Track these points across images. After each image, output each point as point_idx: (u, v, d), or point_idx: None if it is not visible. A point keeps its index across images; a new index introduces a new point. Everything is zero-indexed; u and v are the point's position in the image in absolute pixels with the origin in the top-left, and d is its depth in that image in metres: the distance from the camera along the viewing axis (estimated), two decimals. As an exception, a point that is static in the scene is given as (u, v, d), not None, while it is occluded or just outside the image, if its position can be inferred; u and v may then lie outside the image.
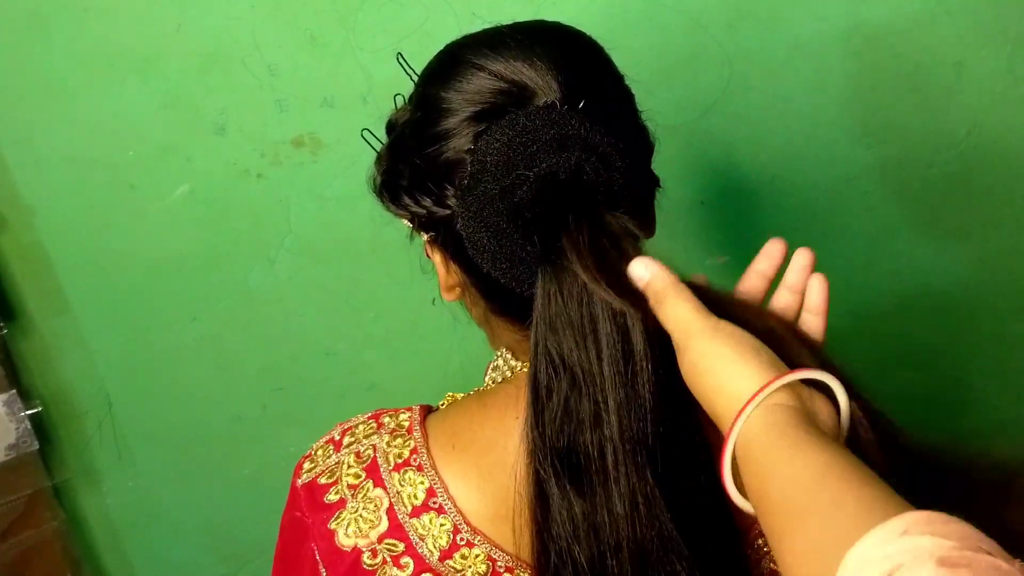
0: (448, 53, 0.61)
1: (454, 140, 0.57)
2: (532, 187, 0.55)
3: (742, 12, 1.08)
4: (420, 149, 0.58)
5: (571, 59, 0.57)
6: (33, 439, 1.08)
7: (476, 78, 0.56)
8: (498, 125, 0.55)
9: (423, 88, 0.60)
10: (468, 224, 0.56)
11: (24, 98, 0.99)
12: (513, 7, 1.03)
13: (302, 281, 1.13)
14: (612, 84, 0.60)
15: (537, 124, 0.54)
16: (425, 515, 0.61)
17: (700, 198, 1.17)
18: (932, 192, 1.23)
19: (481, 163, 0.55)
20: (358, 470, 0.63)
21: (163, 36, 0.99)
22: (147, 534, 1.24)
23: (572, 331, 0.54)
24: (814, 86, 1.14)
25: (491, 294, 0.61)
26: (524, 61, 0.56)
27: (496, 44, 0.57)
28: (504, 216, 0.55)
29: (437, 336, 1.19)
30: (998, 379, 1.40)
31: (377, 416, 0.67)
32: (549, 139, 0.54)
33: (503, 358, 0.67)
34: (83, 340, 1.11)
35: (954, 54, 1.15)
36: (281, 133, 1.05)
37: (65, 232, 1.05)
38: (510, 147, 0.54)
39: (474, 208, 0.56)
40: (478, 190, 0.55)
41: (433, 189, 0.58)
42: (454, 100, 0.57)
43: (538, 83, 0.56)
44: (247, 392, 1.18)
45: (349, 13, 1.01)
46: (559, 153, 0.54)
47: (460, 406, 0.66)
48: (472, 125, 0.56)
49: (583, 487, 0.55)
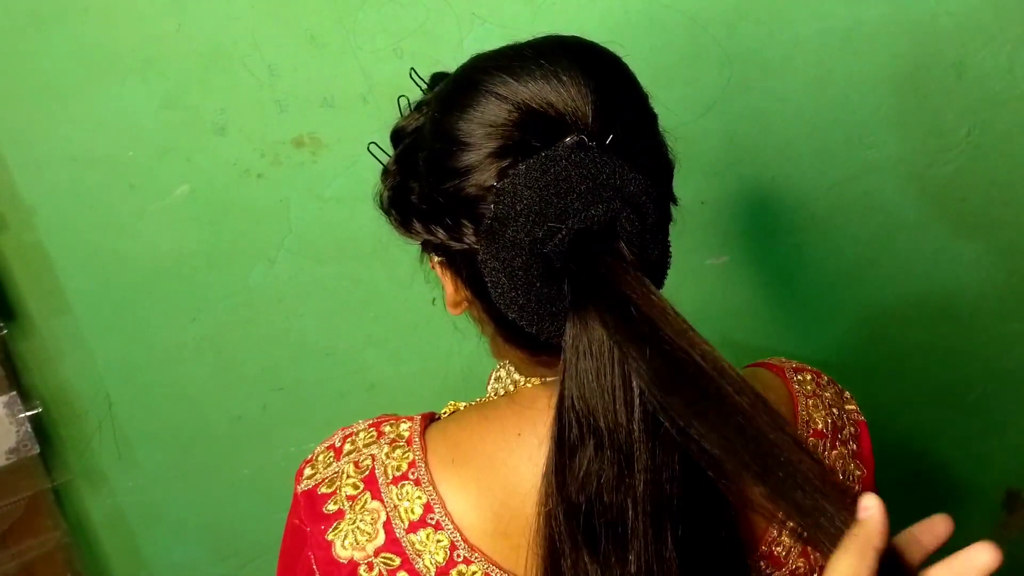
0: (465, 78, 0.56)
1: (475, 175, 0.53)
2: (564, 240, 0.51)
3: (742, 12, 1.08)
4: (438, 184, 0.55)
5: (599, 85, 0.53)
6: (34, 442, 1.08)
7: (497, 108, 0.53)
8: (526, 166, 0.52)
9: (439, 116, 0.56)
10: (493, 272, 0.53)
11: (24, 98, 0.99)
12: (513, 7, 1.03)
13: (302, 281, 1.13)
14: (640, 109, 0.57)
15: (570, 172, 0.51)
16: (422, 531, 0.60)
17: (700, 198, 1.17)
18: (932, 192, 1.23)
19: (507, 208, 0.52)
20: (356, 481, 0.62)
21: (163, 36, 0.99)
22: (147, 534, 1.23)
23: (603, 389, 0.51)
24: (814, 86, 1.14)
25: (502, 323, 0.58)
26: (549, 88, 0.52)
27: (516, 69, 0.53)
28: (533, 268, 0.52)
29: (437, 336, 1.19)
30: (998, 379, 1.40)
31: (379, 424, 0.66)
32: (584, 190, 0.51)
33: (506, 369, 0.65)
34: (83, 340, 1.11)
35: (954, 54, 1.15)
36: (281, 133, 1.05)
37: (65, 232, 1.05)
38: (541, 196, 0.51)
39: (501, 256, 0.53)
40: (505, 238, 0.52)
41: (450, 224, 0.55)
42: (474, 133, 0.53)
43: (565, 114, 0.52)
44: (247, 392, 1.18)
45: (349, 13, 1.01)
46: (594, 205, 0.51)
47: (461, 418, 0.65)
48: (495, 161, 0.53)
49: (598, 549, 0.53)
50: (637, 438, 0.52)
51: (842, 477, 0.67)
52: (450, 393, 1.21)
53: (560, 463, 0.54)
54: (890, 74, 1.15)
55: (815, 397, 0.69)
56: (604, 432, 0.52)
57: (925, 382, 1.37)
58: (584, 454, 0.53)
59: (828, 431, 0.67)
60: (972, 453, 1.47)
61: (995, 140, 1.21)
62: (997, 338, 1.35)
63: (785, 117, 1.15)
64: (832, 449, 0.67)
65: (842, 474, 0.67)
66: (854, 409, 0.72)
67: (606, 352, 0.51)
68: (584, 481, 0.53)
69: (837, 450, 0.68)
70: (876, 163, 1.19)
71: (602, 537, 0.53)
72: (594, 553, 0.53)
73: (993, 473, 1.50)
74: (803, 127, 1.16)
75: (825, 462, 0.52)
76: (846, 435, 0.69)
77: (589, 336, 0.52)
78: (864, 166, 1.20)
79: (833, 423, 0.68)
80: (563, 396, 0.53)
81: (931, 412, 1.40)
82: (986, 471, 1.49)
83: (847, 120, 1.17)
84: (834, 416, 0.69)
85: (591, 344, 0.51)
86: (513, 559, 0.59)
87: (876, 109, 1.17)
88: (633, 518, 0.52)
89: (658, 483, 0.52)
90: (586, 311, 0.52)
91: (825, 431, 0.67)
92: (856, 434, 0.70)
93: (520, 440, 0.60)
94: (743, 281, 1.21)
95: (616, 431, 0.52)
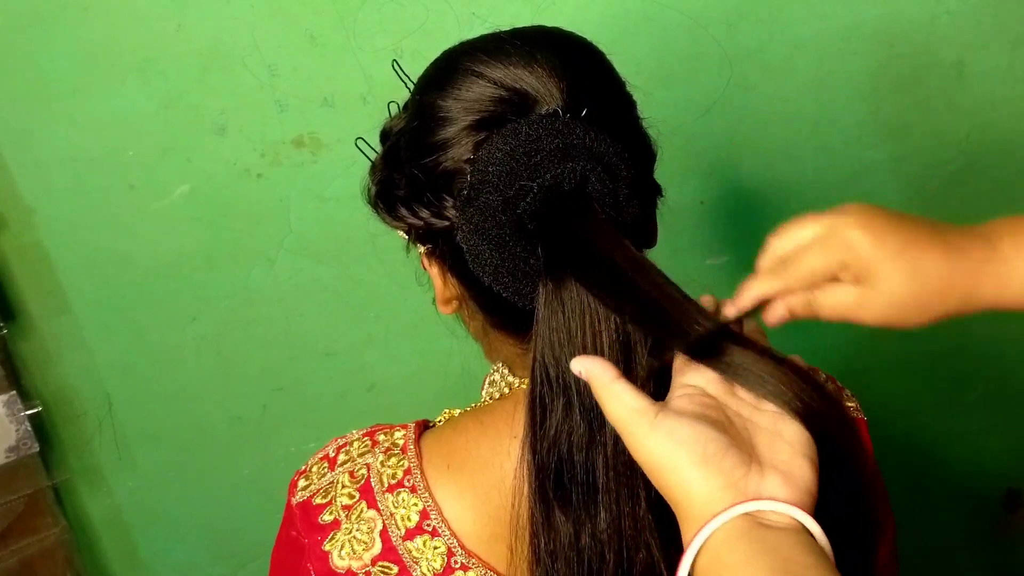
0: (445, 60, 0.59)
1: (453, 149, 0.55)
2: (536, 198, 0.53)
3: (742, 12, 1.08)
4: (417, 159, 0.57)
5: (573, 65, 0.56)
6: (34, 441, 1.08)
7: (475, 86, 0.55)
8: (499, 134, 0.53)
9: (420, 96, 0.59)
10: (469, 236, 0.55)
11: (24, 98, 0.99)
12: (513, 7, 1.03)
13: (302, 281, 1.13)
14: (615, 91, 0.59)
15: (540, 133, 0.53)
16: (419, 537, 0.60)
17: (700, 198, 1.17)
18: (932, 192, 1.23)
19: (482, 173, 0.53)
20: (352, 490, 0.62)
21: (163, 36, 0.99)
22: (147, 534, 1.23)
23: (572, 346, 0.53)
24: (814, 86, 1.14)
25: (490, 307, 0.60)
26: (524, 68, 0.55)
27: (495, 50, 0.56)
28: (506, 228, 0.54)
29: (437, 336, 1.19)
30: (998, 379, 1.40)
31: (372, 433, 0.66)
32: (553, 149, 0.53)
33: (500, 373, 0.65)
34: (83, 340, 1.11)
35: (954, 54, 1.15)
36: (281, 133, 1.05)
37: (65, 232, 1.05)
38: (513, 157, 0.53)
39: (475, 220, 0.54)
40: (479, 201, 0.54)
41: (431, 200, 0.56)
42: (452, 108, 0.55)
43: (539, 90, 0.54)
44: (247, 392, 1.18)
45: (349, 13, 1.01)
46: (564, 163, 0.53)
47: (456, 424, 0.65)
48: (472, 134, 0.54)
49: (570, 508, 0.54)
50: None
51: None
52: (450, 393, 1.21)
53: (533, 424, 0.54)
54: (890, 74, 1.15)
55: None
56: (573, 390, 0.53)
57: (925, 382, 1.37)
58: (554, 413, 0.54)
59: None
60: (972, 453, 1.47)
61: (995, 140, 1.21)
62: (997, 338, 1.35)
63: (785, 117, 1.15)
64: None
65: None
66: (853, 407, 0.72)
67: (577, 308, 0.52)
68: (555, 440, 0.54)
69: None
70: (876, 163, 1.19)
71: (572, 495, 0.54)
72: (566, 510, 0.54)
73: (993, 473, 1.50)
74: (803, 127, 1.16)
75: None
76: None
77: (561, 293, 0.53)
78: (864, 166, 1.20)
79: None
80: (535, 356, 0.54)
81: (931, 412, 1.40)
82: (986, 471, 1.49)
83: (847, 120, 1.17)
84: None
85: (563, 301, 0.53)
86: (510, 563, 0.59)
87: (876, 109, 1.17)
88: (604, 476, 0.53)
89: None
90: (559, 269, 0.53)
91: None
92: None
93: (516, 443, 0.60)
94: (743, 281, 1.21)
95: (585, 389, 0.52)
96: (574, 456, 0.53)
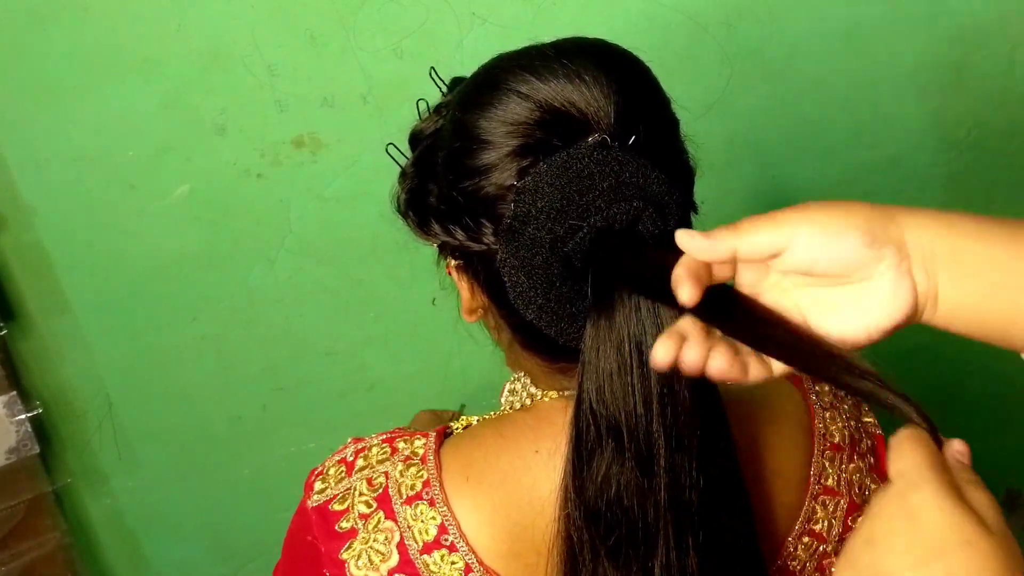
0: (487, 76, 0.55)
1: (495, 175, 0.52)
2: (585, 239, 0.51)
3: (742, 12, 1.08)
4: (457, 182, 0.54)
5: (621, 86, 0.53)
6: (34, 442, 1.08)
7: (519, 107, 0.52)
8: (547, 164, 0.51)
9: (460, 114, 0.55)
10: (513, 272, 0.52)
11: (24, 98, 0.99)
12: (513, 7, 1.03)
13: (302, 281, 1.13)
14: (663, 111, 0.57)
15: (592, 169, 0.50)
16: (436, 552, 0.59)
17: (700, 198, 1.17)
18: (932, 192, 1.23)
19: (528, 206, 0.51)
20: (369, 499, 0.61)
21: (163, 36, 0.99)
22: (147, 534, 1.24)
23: (624, 387, 0.50)
24: (814, 86, 1.14)
25: (520, 328, 0.58)
26: (572, 89, 0.51)
27: (539, 68, 0.53)
28: (554, 267, 0.51)
29: (437, 336, 1.19)
30: (998, 379, 1.40)
31: (392, 440, 0.64)
32: (605, 188, 0.50)
33: (521, 382, 0.64)
34: (83, 340, 1.11)
35: (954, 54, 1.15)
36: (281, 133, 1.05)
37: (65, 232, 1.05)
38: (563, 194, 0.50)
39: (521, 255, 0.52)
40: (525, 236, 0.51)
41: (469, 223, 0.54)
42: (495, 132, 0.52)
43: (588, 114, 0.51)
44: (247, 392, 1.18)
45: (349, 13, 1.01)
46: (616, 202, 0.51)
47: (475, 434, 0.64)
48: (515, 160, 0.52)
49: (619, 555, 0.52)
50: (656, 439, 0.51)
51: (858, 491, 0.66)
52: (450, 393, 1.21)
53: (578, 467, 0.53)
54: (890, 74, 1.15)
55: (832, 409, 0.68)
56: (624, 433, 0.51)
57: (925, 382, 1.37)
58: (603, 457, 0.52)
59: (845, 444, 0.66)
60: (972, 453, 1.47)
61: (995, 140, 1.21)
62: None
63: (785, 117, 1.15)
64: (849, 462, 0.66)
65: (859, 488, 0.66)
66: (871, 422, 0.71)
67: (627, 349, 0.50)
68: (603, 485, 0.52)
69: (855, 463, 0.66)
70: (876, 163, 1.19)
71: (623, 544, 0.52)
72: (614, 561, 0.52)
73: (993, 473, 1.50)
74: (803, 127, 1.16)
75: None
76: (863, 448, 0.68)
77: (610, 334, 0.51)
78: (864, 166, 1.20)
79: (851, 436, 0.67)
80: (581, 397, 0.52)
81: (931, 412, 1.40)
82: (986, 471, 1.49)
83: (847, 120, 1.17)
84: (851, 428, 0.68)
85: (612, 342, 0.51)
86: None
87: (876, 109, 1.17)
88: (654, 524, 0.51)
89: (678, 487, 0.51)
90: (608, 309, 0.51)
91: (842, 444, 0.66)
92: (872, 447, 0.69)
93: (537, 457, 0.59)
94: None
95: (636, 431, 0.51)
96: (624, 501, 0.52)
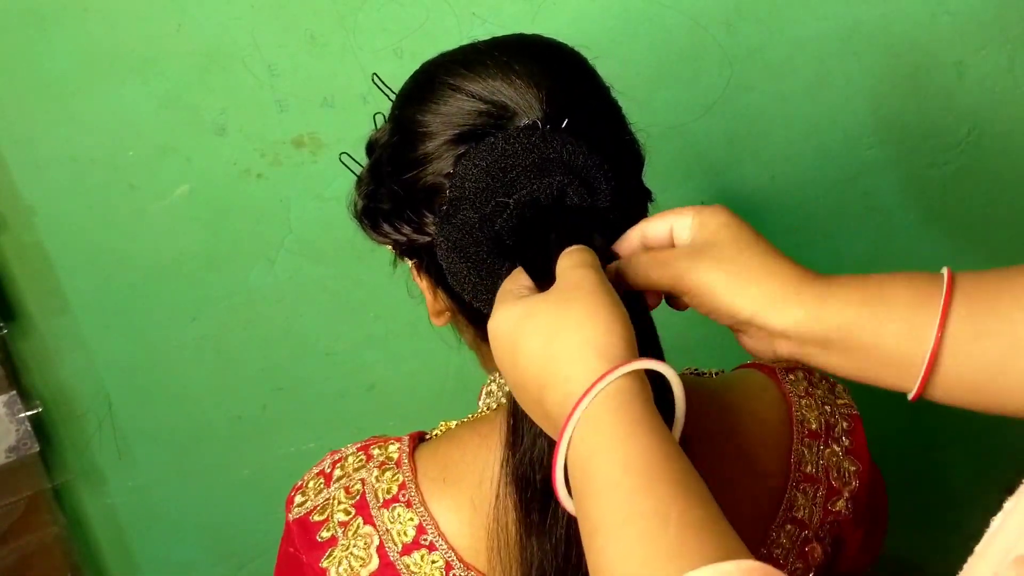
0: (423, 73, 0.59)
1: (433, 164, 0.55)
2: (512, 214, 0.52)
3: (742, 12, 1.08)
4: (398, 174, 0.56)
5: (552, 75, 0.55)
6: (34, 441, 1.08)
7: (453, 99, 0.54)
8: (476, 149, 0.53)
9: (399, 111, 0.58)
10: (447, 254, 0.54)
11: (24, 98, 0.99)
12: (513, 7, 1.03)
13: (302, 281, 1.13)
14: (597, 99, 0.58)
15: (516, 148, 0.52)
16: (416, 552, 0.59)
17: (700, 198, 1.17)
18: (932, 192, 1.23)
19: (459, 189, 0.53)
20: (348, 506, 0.62)
21: (163, 36, 0.99)
22: (147, 534, 1.23)
23: None
24: (814, 86, 1.14)
25: (478, 322, 0.59)
26: (502, 80, 0.54)
27: (472, 62, 0.55)
28: (484, 245, 0.53)
29: (437, 336, 1.18)
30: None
31: (366, 447, 0.65)
32: (529, 164, 0.52)
33: (497, 383, 0.65)
34: (83, 340, 1.11)
35: (954, 54, 1.15)
36: (281, 133, 1.05)
37: (65, 232, 1.05)
38: (488, 173, 0.52)
39: (453, 237, 0.53)
40: (456, 218, 0.53)
41: (412, 216, 0.56)
42: (432, 123, 0.55)
43: (518, 102, 0.53)
44: (247, 392, 1.18)
45: (349, 13, 1.01)
46: (540, 178, 0.52)
47: (452, 436, 0.64)
48: (452, 148, 0.54)
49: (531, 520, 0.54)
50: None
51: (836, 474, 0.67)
52: (450, 393, 1.21)
53: (512, 442, 0.54)
54: (890, 74, 1.15)
55: (808, 396, 0.69)
56: None
57: (925, 382, 1.37)
58: (531, 430, 0.53)
59: (822, 430, 0.67)
60: (972, 453, 1.47)
61: (995, 140, 1.21)
62: (997, 338, 1.35)
63: (785, 117, 1.15)
64: (826, 448, 0.67)
65: (836, 471, 0.67)
66: (845, 403, 0.71)
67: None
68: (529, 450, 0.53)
69: (830, 448, 0.67)
70: (876, 163, 1.19)
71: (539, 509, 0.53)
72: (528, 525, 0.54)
73: (993, 473, 1.50)
74: (803, 127, 1.16)
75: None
76: (838, 432, 0.69)
77: None
78: (864, 166, 1.20)
79: (826, 421, 0.68)
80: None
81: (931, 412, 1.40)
82: (986, 471, 1.49)
83: (847, 120, 1.17)
84: (826, 414, 0.69)
85: None
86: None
87: (876, 109, 1.17)
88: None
89: None
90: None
91: (819, 430, 0.67)
92: (848, 429, 0.70)
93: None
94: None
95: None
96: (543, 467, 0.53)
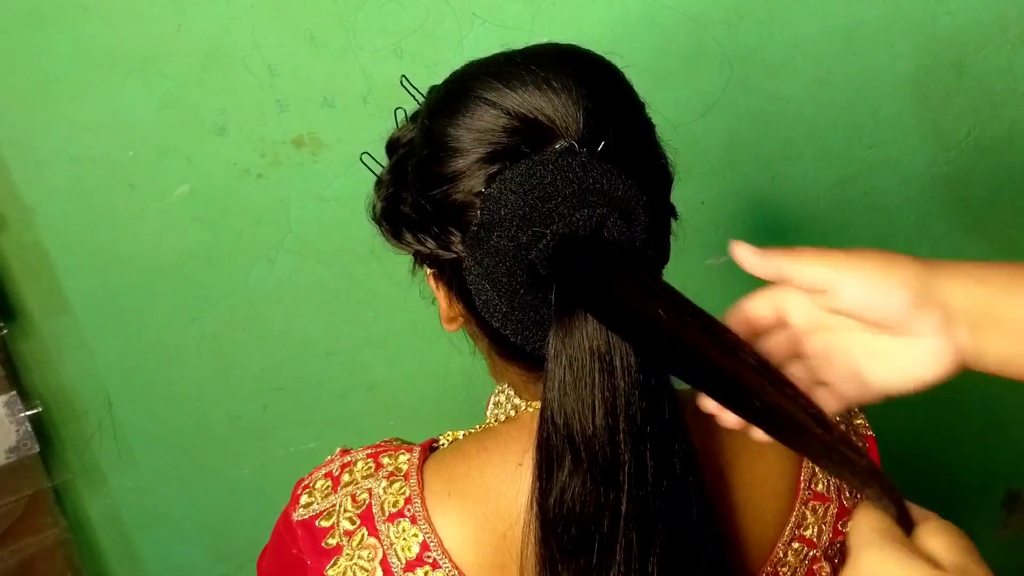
0: (456, 83, 0.56)
1: (464, 182, 0.52)
2: (548, 245, 0.50)
3: (742, 12, 1.08)
4: (426, 189, 0.54)
5: (590, 92, 0.52)
6: (34, 441, 1.08)
7: (487, 115, 0.52)
8: (512, 172, 0.51)
9: (429, 122, 0.55)
10: (478, 280, 0.52)
11: (24, 98, 0.99)
12: (513, 7, 1.03)
13: (302, 281, 1.13)
14: (634, 118, 0.56)
15: (555, 176, 0.50)
16: (419, 569, 0.58)
17: (700, 198, 1.17)
18: (932, 192, 1.23)
19: (493, 213, 0.51)
20: (353, 515, 0.61)
21: (163, 36, 0.99)
22: (147, 534, 1.24)
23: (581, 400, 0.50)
24: (814, 86, 1.14)
25: (495, 338, 0.57)
26: (540, 96, 0.51)
27: (508, 76, 0.53)
28: (517, 275, 0.51)
29: (437, 336, 1.18)
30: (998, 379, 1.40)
31: (377, 456, 0.64)
32: (569, 194, 0.50)
33: (505, 394, 0.64)
34: (83, 340, 1.11)
35: (954, 54, 1.15)
36: (281, 133, 1.05)
37: (65, 232, 1.05)
38: (526, 201, 0.50)
39: (485, 263, 0.52)
40: (489, 244, 0.51)
41: (438, 232, 0.54)
42: (464, 139, 0.52)
43: (555, 121, 0.51)
44: (247, 392, 1.18)
45: (349, 13, 1.01)
46: (579, 208, 0.50)
47: (459, 449, 0.63)
48: (484, 167, 0.52)
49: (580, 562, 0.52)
50: (616, 451, 0.50)
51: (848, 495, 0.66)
52: (450, 393, 1.21)
53: (539, 478, 0.53)
54: (890, 74, 1.15)
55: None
56: (581, 445, 0.51)
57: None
58: (562, 469, 0.52)
59: None
60: (972, 453, 1.47)
61: (995, 140, 1.21)
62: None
63: (785, 117, 1.15)
64: None
65: (848, 492, 0.66)
66: (862, 423, 0.70)
67: (587, 361, 0.50)
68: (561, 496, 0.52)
69: None
70: (876, 163, 1.19)
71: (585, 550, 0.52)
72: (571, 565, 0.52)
73: (993, 473, 1.50)
74: (803, 127, 1.16)
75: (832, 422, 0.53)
76: None
77: (571, 344, 0.50)
78: (864, 166, 1.20)
79: None
80: (544, 408, 0.52)
81: (931, 412, 1.40)
82: (986, 471, 1.49)
83: (847, 120, 1.17)
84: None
85: (572, 353, 0.50)
86: None
87: (876, 109, 1.17)
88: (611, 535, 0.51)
89: (643, 498, 0.51)
90: (570, 318, 0.50)
91: None
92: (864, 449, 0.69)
93: (521, 470, 0.58)
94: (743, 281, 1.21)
95: (592, 444, 0.50)
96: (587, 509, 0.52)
